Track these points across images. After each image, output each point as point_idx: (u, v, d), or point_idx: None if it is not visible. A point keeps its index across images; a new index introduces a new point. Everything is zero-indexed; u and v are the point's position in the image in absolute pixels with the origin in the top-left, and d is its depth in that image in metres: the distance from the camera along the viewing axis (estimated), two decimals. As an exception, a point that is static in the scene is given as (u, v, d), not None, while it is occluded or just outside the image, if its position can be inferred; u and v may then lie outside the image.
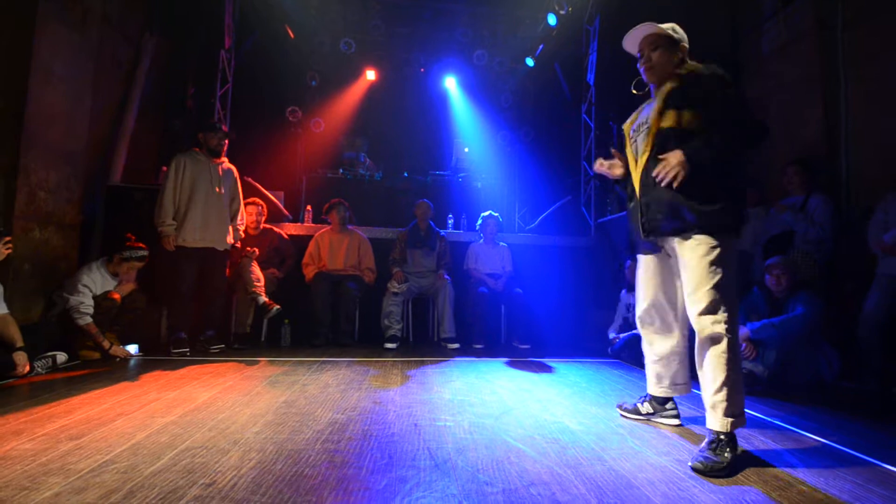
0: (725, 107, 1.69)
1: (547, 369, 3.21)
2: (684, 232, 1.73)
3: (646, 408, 2.10)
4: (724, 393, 1.66)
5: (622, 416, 2.15)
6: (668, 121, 1.77)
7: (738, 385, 1.67)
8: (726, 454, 1.58)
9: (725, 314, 1.67)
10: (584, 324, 4.66)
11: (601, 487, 1.40)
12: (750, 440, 1.89)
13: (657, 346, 2.05)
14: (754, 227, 3.76)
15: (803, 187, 3.48)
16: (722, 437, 1.63)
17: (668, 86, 1.80)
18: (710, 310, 1.68)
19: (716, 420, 1.67)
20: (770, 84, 4.39)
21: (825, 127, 3.77)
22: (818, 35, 3.87)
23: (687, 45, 1.87)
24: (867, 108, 3.55)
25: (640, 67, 1.91)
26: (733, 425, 1.65)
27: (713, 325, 1.67)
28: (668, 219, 1.75)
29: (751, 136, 1.69)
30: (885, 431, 2.09)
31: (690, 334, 1.87)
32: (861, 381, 2.88)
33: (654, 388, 2.09)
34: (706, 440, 1.67)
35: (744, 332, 2.88)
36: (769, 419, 2.21)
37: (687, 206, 1.70)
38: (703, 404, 1.76)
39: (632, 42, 1.90)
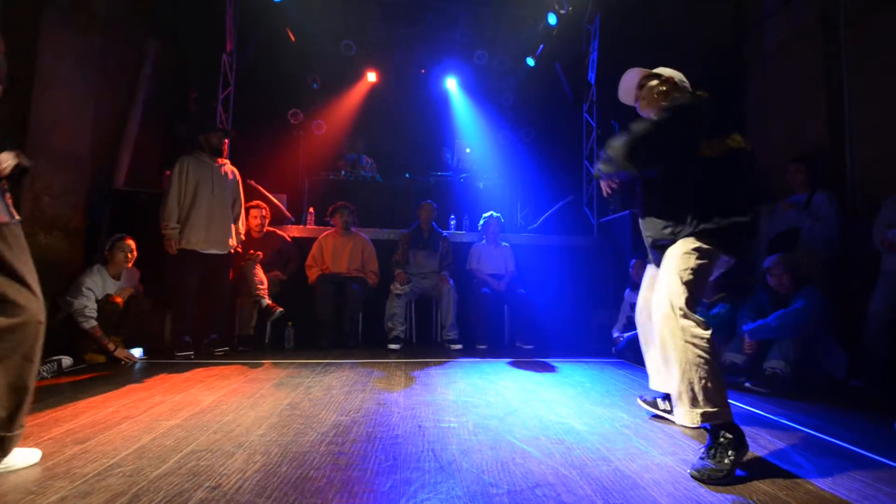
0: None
1: (551, 369, 3.20)
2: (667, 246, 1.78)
3: (665, 405, 2.11)
4: (685, 381, 1.57)
5: (641, 405, 2.17)
6: None
7: (705, 372, 1.55)
8: (727, 460, 1.47)
9: (682, 298, 1.62)
10: (587, 324, 4.64)
11: (607, 488, 1.40)
12: (756, 439, 1.88)
13: (648, 349, 2.08)
14: (759, 226, 3.74)
15: (807, 185, 3.46)
16: (721, 438, 1.51)
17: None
18: (668, 294, 1.66)
19: (682, 414, 1.58)
20: (773, 81, 4.38)
21: (829, 124, 3.76)
22: (822, 31, 3.86)
23: (676, 78, 1.90)
24: (872, 105, 3.53)
25: (636, 105, 1.98)
26: (704, 417, 1.53)
27: (665, 306, 1.65)
28: (654, 239, 1.84)
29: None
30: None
31: None
32: (869, 379, 2.86)
33: (654, 384, 2.10)
34: (705, 443, 1.56)
35: (742, 333, 2.88)
36: (775, 418, 2.20)
37: (664, 231, 1.77)
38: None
39: (625, 95, 2.00)
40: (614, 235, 4.85)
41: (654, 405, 2.14)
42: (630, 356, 3.50)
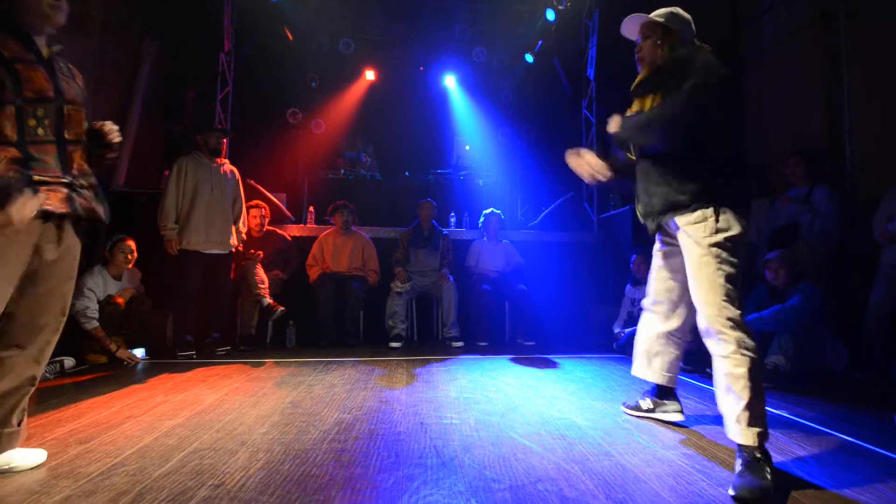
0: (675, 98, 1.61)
1: (552, 365, 3.20)
2: (678, 209, 1.63)
3: (646, 404, 2.07)
4: (743, 402, 1.46)
5: (626, 413, 2.13)
6: (636, 106, 1.79)
7: (758, 391, 1.46)
8: (767, 474, 1.36)
9: (728, 310, 1.51)
10: (588, 319, 4.64)
11: (609, 482, 1.40)
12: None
13: (655, 326, 1.98)
14: (758, 220, 3.74)
15: (806, 179, 3.46)
16: (757, 454, 1.41)
17: (644, 73, 1.81)
18: (712, 305, 1.53)
19: (739, 433, 1.46)
20: (771, 75, 4.37)
21: (828, 118, 3.75)
22: (820, 25, 3.84)
23: (681, 31, 1.77)
24: (870, 99, 3.52)
25: (635, 55, 1.89)
26: (760, 437, 1.43)
27: (716, 323, 1.52)
28: (661, 199, 1.69)
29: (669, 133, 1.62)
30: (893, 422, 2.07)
31: (694, 327, 1.77)
32: (868, 372, 2.86)
33: (641, 370, 2.05)
34: (740, 463, 1.43)
35: None
36: (776, 412, 2.20)
37: (676, 184, 1.64)
38: (706, 396, 1.73)
39: (628, 30, 1.89)
40: (614, 231, 4.85)
41: (638, 408, 2.08)
42: (631, 352, 3.50)
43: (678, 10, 1.82)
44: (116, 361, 3.15)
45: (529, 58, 6.20)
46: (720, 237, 1.56)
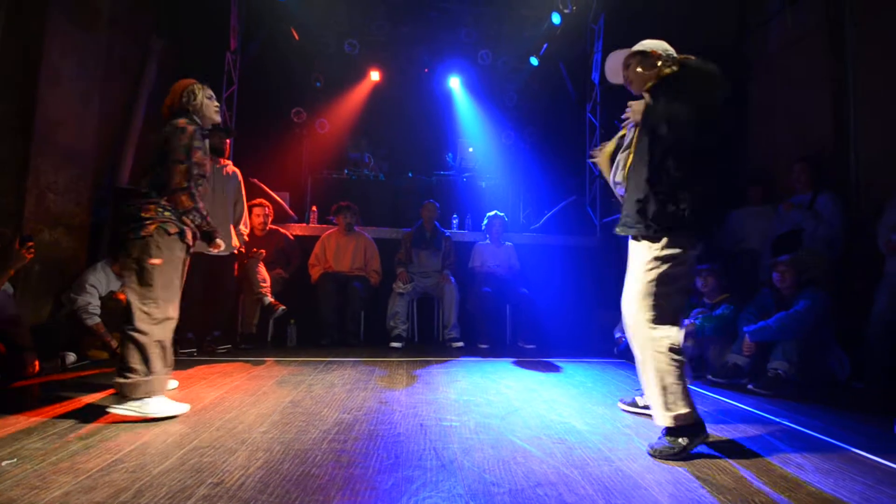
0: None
1: (553, 369, 3.20)
2: (637, 234, 1.86)
3: (643, 401, 2.12)
4: (659, 386, 1.71)
5: (622, 409, 2.19)
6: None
7: (672, 382, 1.70)
8: (681, 440, 1.66)
9: (650, 313, 1.74)
10: (589, 324, 4.63)
11: (608, 488, 1.40)
12: (758, 441, 1.88)
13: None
14: (761, 226, 3.73)
15: (811, 185, 3.45)
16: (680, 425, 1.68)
17: (645, 99, 1.84)
18: (637, 309, 1.79)
19: (658, 416, 1.73)
20: (777, 80, 4.36)
21: (834, 124, 3.74)
22: (827, 31, 3.84)
23: (661, 51, 1.85)
24: (877, 106, 3.51)
25: (625, 83, 1.97)
26: (678, 419, 1.67)
27: (638, 324, 1.78)
28: (630, 217, 1.87)
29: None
30: None
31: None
32: (870, 381, 2.85)
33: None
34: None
35: (744, 334, 2.88)
36: (777, 419, 2.20)
37: (643, 208, 1.79)
38: (705, 402, 1.76)
39: (613, 75, 1.99)
40: (617, 235, 4.83)
41: (634, 405, 2.19)
42: (632, 357, 3.49)
43: (648, 40, 1.91)
44: (117, 357, 3.15)
45: (534, 61, 6.21)
46: (662, 262, 1.76)
